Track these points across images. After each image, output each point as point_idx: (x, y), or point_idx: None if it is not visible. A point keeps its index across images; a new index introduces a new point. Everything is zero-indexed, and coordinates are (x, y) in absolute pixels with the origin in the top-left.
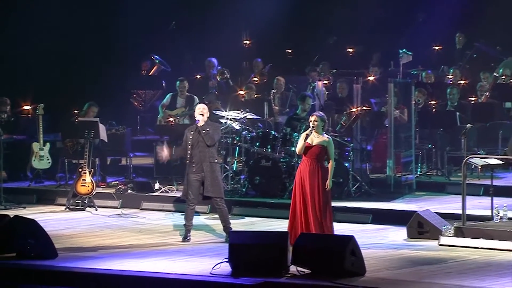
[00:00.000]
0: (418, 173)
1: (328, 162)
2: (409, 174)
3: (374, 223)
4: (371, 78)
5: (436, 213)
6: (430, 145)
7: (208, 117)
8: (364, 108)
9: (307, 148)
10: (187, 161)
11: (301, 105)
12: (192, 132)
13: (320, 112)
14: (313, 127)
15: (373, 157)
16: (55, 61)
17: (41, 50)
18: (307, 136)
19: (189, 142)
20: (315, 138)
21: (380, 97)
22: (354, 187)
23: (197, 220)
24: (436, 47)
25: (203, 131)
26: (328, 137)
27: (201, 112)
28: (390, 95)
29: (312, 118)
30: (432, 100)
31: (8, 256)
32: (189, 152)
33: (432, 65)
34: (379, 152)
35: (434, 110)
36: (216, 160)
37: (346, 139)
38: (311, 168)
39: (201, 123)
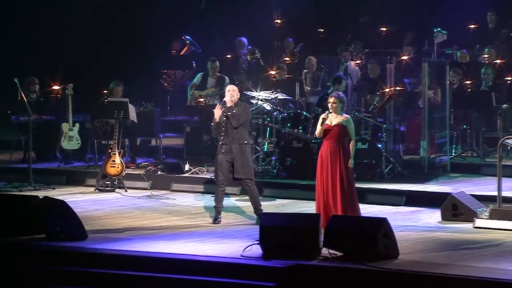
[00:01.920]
0: (453, 154)
1: (349, 142)
2: (444, 155)
3: (407, 205)
4: (405, 57)
5: (471, 195)
6: (465, 126)
7: (238, 98)
8: (398, 88)
9: (327, 130)
10: (218, 142)
11: (336, 86)
12: (225, 114)
13: (340, 93)
14: (331, 108)
15: (407, 138)
16: (84, 40)
17: (71, 29)
18: (324, 120)
19: (222, 123)
20: (334, 119)
21: (414, 77)
22: (387, 169)
23: (228, 201)
24: (471, 26)
25: (229, 113)
26: (347, 116)
27: (230, 93)
28: (424, 75)
29: (331, 100)
30: (467, 80)
31: (38, 238)
32: (222, 133)
33: (467, 44)
34: (412, 133)
35: (469, 90)
36: (246, 142)
37: (379, 120)
38: (332, 150)
39: (229, 105)
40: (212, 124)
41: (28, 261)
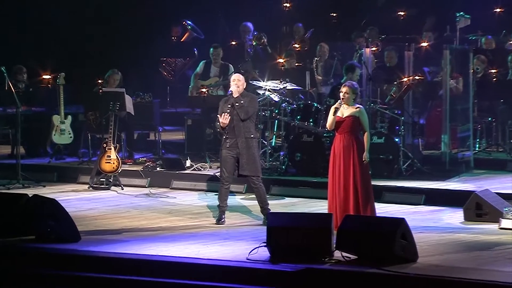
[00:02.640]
0: (476, 149)
1: (363, 134)
2: (467, 150)
3: (427, 204)
4: (425, 44)
5: (496, 193)
6: (490, 119)
7: (244, 88)
8: (417, 77)
9: (339, 123)
10: (222, 136)
11: (349, 75)
12: (227, 105)
13: (353, 82)
14: (343, 98)
15: (426, 131)
16: (77, 26)
17: (62, 15)
18: (336, 109)
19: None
20: (345, 110)
21: (434, 65)
22: (405, 165)
23: (233, 200)
24: (497, 10)
25: (237, 104)
26: (359, 106)
27: (236, 83)
28: (445, 63)
29: (343, 89)
30: (492, 69)
31: (27, 239)
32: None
33: (493, 29)
34: (433, 126)
35: (494, 79)
36: (252, 135)
37: (396, 112)
38: (345, 144)
39: (235, 95)
40: (218, 123)
41: (17, 264)
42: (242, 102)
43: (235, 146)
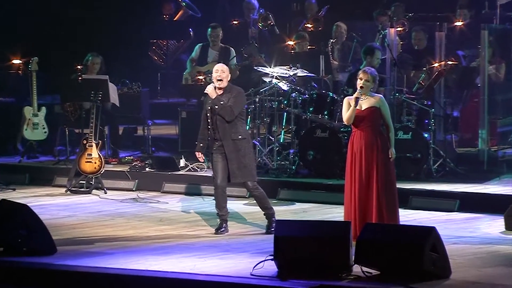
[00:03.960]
0: None
1: (386, 128)
2: (508, 147)
3: (461, 210)
4: (459, 23)
5: None
6: None
7: (228, 81)
8: (450, 62)
9: (357, 116)
10: (208, 137)
11: (368, 59)
12: (210, 101)
13: (372, 68)
14: (361, 87)
15: (461, 126)
16: (52, 3)
17: None
18: (357, 99)
19: (208, 113)
20: (363, 102)
21: (470, 48)
22: (436, 165)
23: (234, 206)
24: None
25: (216, 106)
26: (379, 96)
27: (219, 75)
28: (483, 46)
29: (362, 76)
30: None
31: None
32: (209, 126)
33: None
34: (468, 119)
35: None
36: (240, 136)
37: (426, 103)
38: (367, 141)
39: (211, 92)
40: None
41: None
42: (222, 103)
43: (223, 149)
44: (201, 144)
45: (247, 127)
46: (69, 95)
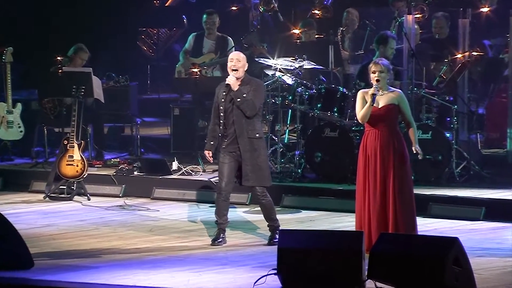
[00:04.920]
0: None
1: (407, 125)
2: None
3: (488, 219)
4: (485, 9)
5: None
6: None
7: (246, 71)
8: (475, 53)
9: (373, 114)
10: (219, 134)
11: (381, 50)
12: (225, 93)
13: (384, 59)
14: (377, 81)
15: (487, 124)
16: None
17: None
18: (374, 96)
19: (221, 106)
20: (380, 98)
21: (498, 37)
22: (459, 168)
23: (233, 214)
24: None
25: (239, 99)
26: (397, 92)
27: (234, 64)
28: None
29: (375, 68)
30: None
31: None
32: (221, 121)
33: None
34: (495, 117)
35: None
36: (258, 134)
37: (447, 99)
38: (382, 141)
39: (234, 85)
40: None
41: None
42: (244, 95)
43: (235, 148)
44: (212, 142)
45: None
46: (48, 90)
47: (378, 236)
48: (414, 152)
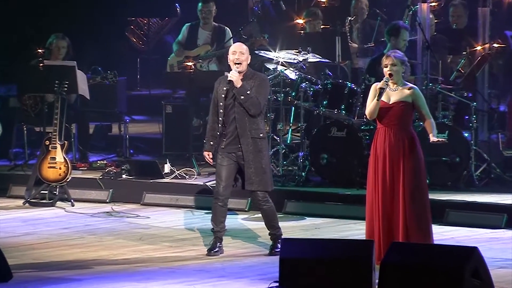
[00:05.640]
0: None
1: (423, 122)
2: None
3: (510, 227)
4: None
5: None
6: None
7: (248, 64)
8: (495, 45)
9: (383, 111)
10: (217, 132)
11: (392, 41)
12: (225, 88)
13: (398, 51)
14: (390, 74)
15: (509, 123)
16: None
17: None
18: (382, 90)
19: (221, 103)
20: (393, 93)
21: None
22: (479, 171)
23: (232, 221)
24: None
25: (242, 97)
26: (412, 87)
27: (237, 58)
28: None
29: (387, 61)
30: None
31: None
32: (220, 118)
33: None
34: None
35: None
36: (261, 134)
37: (466, 95)
38: (391, 141)
39: (238, 81)
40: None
41: None
42: (248, 92)
43: (235, 148)
44: (211, 142)
45: None
46: (28, 85)
47: (389, 245)
48: (431, 141)
